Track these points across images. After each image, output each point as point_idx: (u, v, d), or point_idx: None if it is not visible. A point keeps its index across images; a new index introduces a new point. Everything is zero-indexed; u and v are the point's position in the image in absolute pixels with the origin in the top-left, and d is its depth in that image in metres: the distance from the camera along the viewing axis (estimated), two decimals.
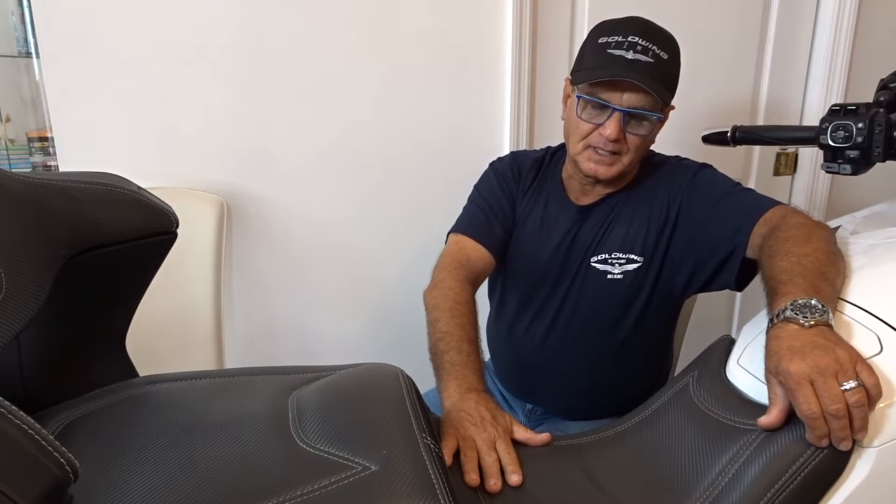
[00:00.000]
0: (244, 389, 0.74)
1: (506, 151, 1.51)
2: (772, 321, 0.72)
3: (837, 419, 0.61)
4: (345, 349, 1.59)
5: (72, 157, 1.32)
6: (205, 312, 1.36)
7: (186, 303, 1.34)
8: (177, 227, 0.80)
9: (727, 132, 1.15)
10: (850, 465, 0.65)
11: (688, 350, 1.28)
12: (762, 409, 0.70)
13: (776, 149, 1.83)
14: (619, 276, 1.11)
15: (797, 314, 0.69)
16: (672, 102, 1.06)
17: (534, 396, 1.24)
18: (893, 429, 0.65)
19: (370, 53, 1.43)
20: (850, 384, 0.62)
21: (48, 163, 1.61)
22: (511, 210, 1.19)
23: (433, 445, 0.62)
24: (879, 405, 0.64)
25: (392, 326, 1.61)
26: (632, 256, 1.11)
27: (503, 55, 1.50)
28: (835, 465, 0.64)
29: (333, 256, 1.54)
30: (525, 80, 1.52)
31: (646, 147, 1.09)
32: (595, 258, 1.13)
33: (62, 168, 1.32)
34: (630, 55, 1.00)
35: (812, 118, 1.78)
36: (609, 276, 1.12)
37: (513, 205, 1.20)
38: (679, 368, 1.01)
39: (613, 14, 1.08)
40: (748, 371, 0.76)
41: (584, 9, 1.57)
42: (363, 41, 1.42)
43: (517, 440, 0.82)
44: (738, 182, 1.09)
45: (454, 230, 1.19)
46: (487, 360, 1.37)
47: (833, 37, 1.72)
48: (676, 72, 1.06)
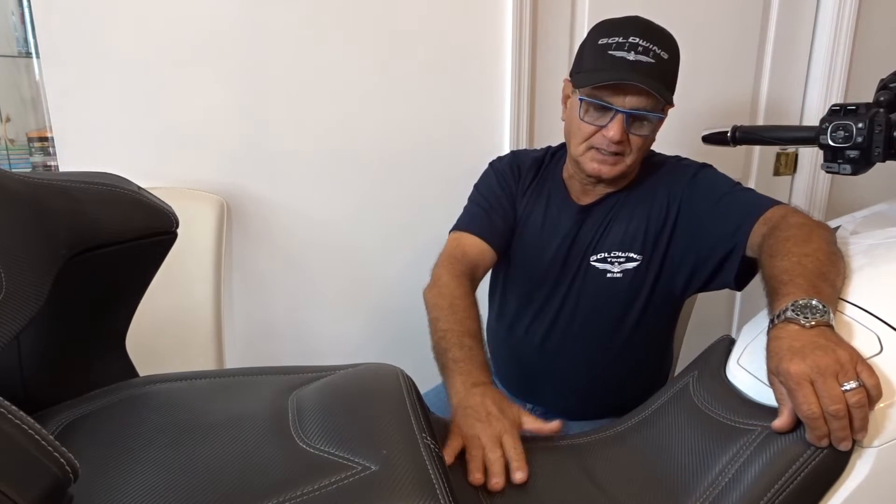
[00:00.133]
0: (244, 389, 0.74)
1: (506, 151, 1.51)
2: (772, 321, 0.72)
3: (837, 419, 0.62)
4: (345, 349, 1.59)
5: (72, 157, 1.32)
6: (205, 312, 1.36)
7: (186, 303, 1.34)
8: (177, 227, 0.80)
9: (727, 132, 1.15)
10: (850, 465, 0.65)
11: (688, 350, 1.28)
12: (762, 410, 0.71)
13: (776, 149, 1.83)
14: (619, 275, 1.11)
15: (798, 315, 0.69)
16: (674, 103, 1.06)
17: (534, 396, 1.24)
18: (893, 429, 0.65)
19: (370, 53, 1.43)
20: (851, 384, 0.62)
21: (48, 163, 1.61)
22: (511, 208, 1.19)
23: (433, 445, 0.61)
24: (879, 405, 0.64)
25: (392, 326, 1.61)
26: (631, 255, 1.11)
27: (503, 55, 1.50)
28: (835, 465, 0.64)
29: (333, 256, 1.54)
30: (525, 80, 1.52)
31: (647, 146, 1.09)
32: (595, 257, 1.13)
33: (62, 168, 1.32)
34: (631, 56, 1.00)
35: (812, 118, 1.78)
36: (609, 275, 1.12)
37: (513, 203, 1.19)
38: (679, 368, 1.01)
39: (613, 14, 1.08)
40: (748, 371, 0.76)
41: (584, 9, 1.57)
42: (363, 41, 1.42)
43: (528, 431, 0.82)
44: (739, 182, 1.09)
45: (454, 229, 1.19)
46: (487, 360, 1.36)
47: (833, 37, 1.72)
48: (676, 70, 1.06)
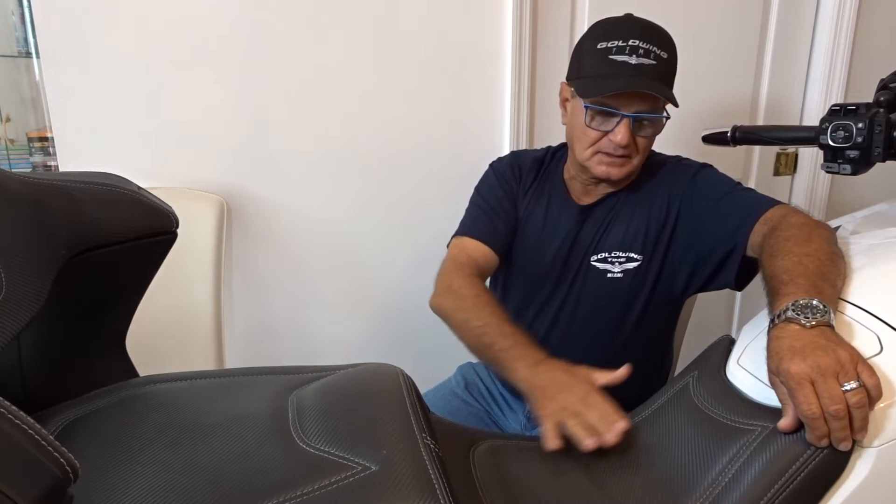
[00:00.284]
0: (244, 389, 0.74)
1: (506, 151, 1.51)
2: (773, 321, 0.72)
3: (837, 419, 0.61)
4: (345, 349, 1.59)
5: (72, 157, 1.32)
6: (205, 312, 1.36)
7: (186, 303, 1.34)
8: (177, 227, 0.80)
9: (727, 132, 1.15)
10: (850, 466, 0.65)
11: (688, 350, 1.28)
12: (762, 410, 0.70)
13: (776, 149, 1.82)
14: (619, 275, 1.11)
15: (798, 315, 0.69)
16: (678, 104, 1.06)
17: None
18: (893, 429, 0.65)
19: (370, 53, 1.43)
20: (851, 385, 0.62)
21: (48, 163, 1.61)
22: (513, 209, 1.19)
23: (433, 445, 0.61)
24: (879, 405, 0.64)
25: (392, 326, 1.61)
26: (631, 255, 1.11)
27: (503, 55, 1.50)
28: (835, 465, 0.64)
29: (333, 256, 1.54)
30: (525, 80, 1.52)
31: (651, 145, 1.09)
32: (595, 257, 1.13)
33: (62, 168, 1.32)
34: (634, 60, 1.00)
35: (812, 118, 1.78)
36: (609, 275, 1.12)
37: (514, 204, 1.19)
38: (679, 368, 1.01)
39: (614, 14, 1.08)
40: (748, 371, 0.75)
41: (584, 9, 1.57)
42: (363, 41, 1.42)
43: (604, 386, 0.84)
44: (739, 182, 1.09)
45: (457, 233, 1.18)
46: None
47: (833, 37, 1.72)
48: (676, 67, 1.07)
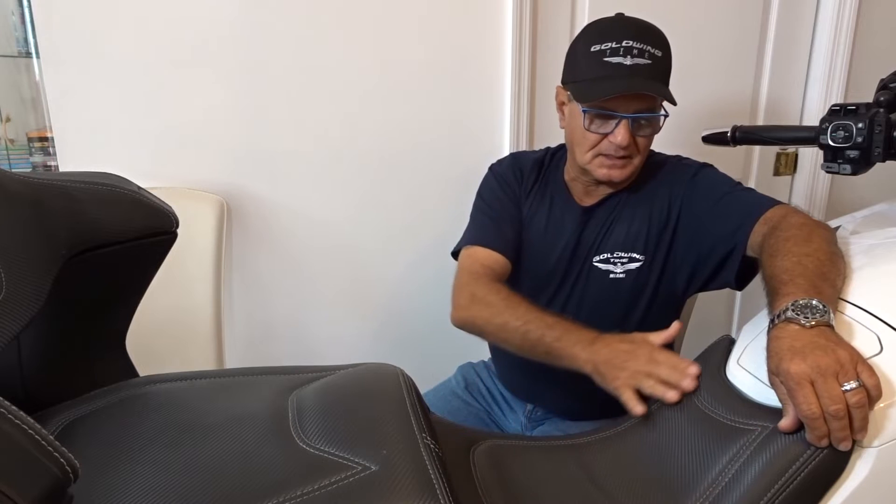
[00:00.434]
0: (244, 389, 0.74)
1: (506, 152, 1.51)
2: (773, 321, 0.72)
3: (837, 419, 0.61)
4: (345, 349, 1.59)
5: (72, 157, 1.32)
6: (205, 312, 1.36)
7: (186, 303, 1.34)
8: (177, 227, 0.80)
9: (727, 132, 1.15)
10: (850, 466, 0.65)
11: (688, 350, 1.28)
12: (762, 410, 0.70)
13: (776, 149, 1.82)
14: (622, 276, 1.11)
15: (798, 315, 0.69)
16: (676, 102, 1.06)
17: (535, 397, 1.24)
18: (893, 429, 0.65)
19: (370, 53, 1.43)
20: (851, 385, 0.62)
21: (48, 163, 1.61)
22: (517, 212, 1.19)
23: (433, 445, 0.61)
24: (879, 405, 0.64)
25: (392, 326, 1.61)
26: (633, 255, 1.11)
27: (503, 55, 1.50)
28: (835, 466, 0.64)
29: (334, 256, 1.54)
30: (525, 80, 1.52)
31: (651, 144, 1.09)
32: (597, 258, 1.13)
33: (62, 168, 1.32)
34: (628, 61, 1.00)
35: (812, 118, 1.78)
36: (611, 276, 1.12)
37: (518, 206, 1.19)
38: None
39: (613, 14, 1.08)
40: (748, 371, 0.75)
41: (584, 9, 1.56)
42: (363, 41, 1.42)
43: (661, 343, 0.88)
44: (739, 182, 1.09)
45: (465, 243, 1.17)
46: (488, 360, 1.36)
47: (833, 37, 1.72)
48: (671, 64, 1.07)
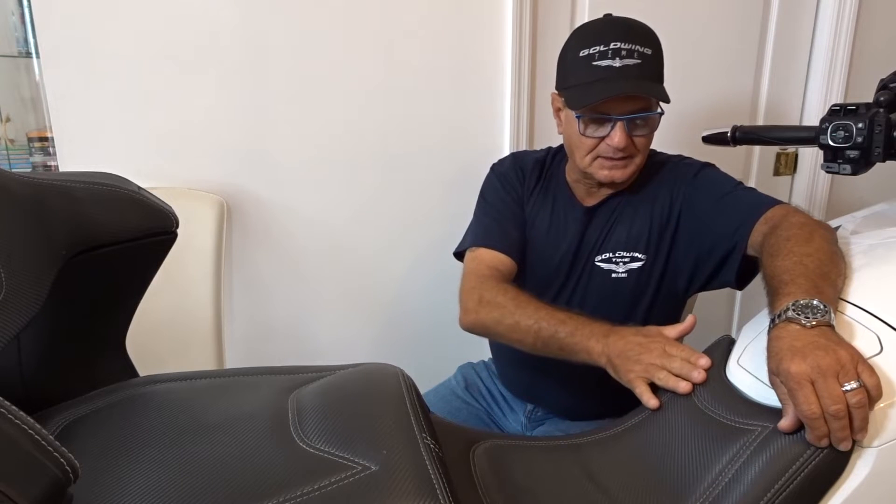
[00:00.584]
0: (244, 389, 0.74)
1: (506, 152, 1.51)
2: (773, 321, 0.72)
3: (837, 419, 0.61)
4: (345, 349, 1.59)
5: (72, 157, 1.32)
6: (205, 312, 1.36)
7: (186, 303, 1.34)
8: (177, 227, 0.80)
9: (727, 132, 1.15)
10: (850, 466, 0.65)
11: None
12: (762, 410, 0.70)
13: (776, 149, 1.82)
14: (624, 275, 1.12)
15: (799, 315, 0.69)
16: (670, 98, 1.05)
17: (535, 397, 1.24)
18: (893, 429, 0.65)
19: (370, 53, 1.43)
20: (851, 385, 0.62)
21: (48, 163, 1.62)
22: (521, 212, 1.19)
23: (433, 445, 0.61)
24: (879, 405, 0.64)
25: (393, 326, 1.61)
26: (635, 255, 1.11)
27: (503, 55, 1.50)
28: (835, 466, 0.64)
29: (334, 256, 1.54)
30: (525, 80, 1.52)
31: (651, 141, 1.09)
32: (599, 257, 1.13)
33: (62, 168, 1.32)
34: (617, 63, 1.00)
35: (812, 118, 1.78)
36: (613, 275, 1.12)
37: (521, 206, 1.19)
38: None
39: (614, 14, 1.08)
40: (748, 371, 0.75)
41: (584, 9, 1.56)
42: (363, 41, 1.42)
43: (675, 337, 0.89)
44: (741, 181, 1.09)
45: (470, 245, 1.17)
46: (488, 360, 1.36)
47: (833, 37, 1.72)
48: (662, 61, 1.06)
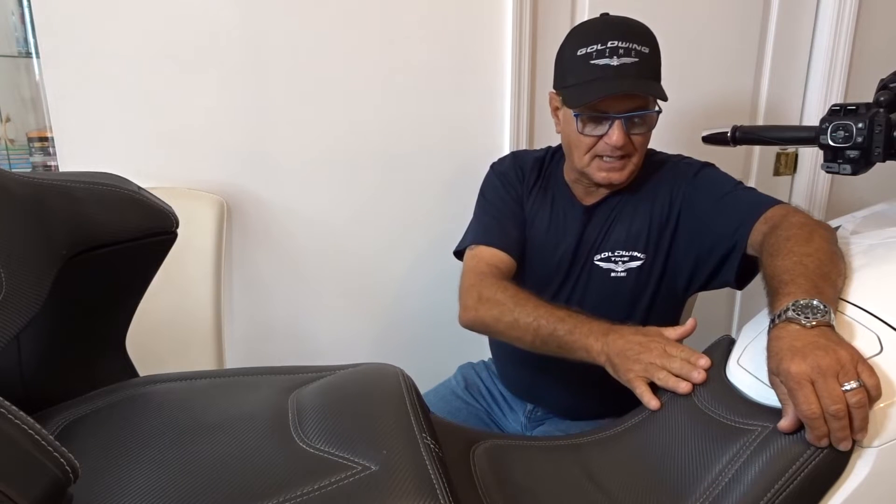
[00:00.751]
0: (244, 389, 0.74)
1: (506, 152, 1.51)
2: (773, 321, 0.72)
3: (837, 419, 0.61)
4: (345, 349, 1.59)
5: (72, 157, 1.32)
6: (205, 312, 1.36)
7: (186, 303, 1.34)
8: (177, 227, 0.80)
9: (727, 132, 1.15)
10: (850, 466, 0.65)
11: None
12: (762, 410, 0.70)
13: (776, 149, 1.82)
14: (623, 274, 1.12)
15: (799, 315, 0.69)
16: (670, 100, 1.06)
17: (535, 397, 1.24)
18: (893, 429, 0.65)
19: (370, 53, 1.43)
20: (851, 385, 0.62)
21: (48, 163, 1.62)
22: (521, 210, 1.19)
23: (433, 445, 0.61)
24: (879, 405, 0.64)
25: (393, 326, 1.61)
26: (635, 254, 1.11)
27: (503, 55, 1.50)
28: (835, 466, 0.64)
29: (334, 256, 1.54)
30: (525, 80, 1.52)
31: (649, 141, 1.09)
32: (598, 256, 1.13)
33: (62, 168, 1.32)
34: (615, 61, 1.00)
35: (812, 118, 1.78)
36: (613, 274, 1.12)
37: (521, 205, 1.19)
38: None
39: (614, 14, 1.08)
40: (748, 371, 0.75)
41: (584, 9, 1.56)
42: (363, 41, 1.42)
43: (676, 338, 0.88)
44: (741, 181, 1.09)
45: (469, 243, 1.17)
46: (488, 360, 1.36)
47: (833, 37, 1.72)
48: (660, 60, 1.07)
